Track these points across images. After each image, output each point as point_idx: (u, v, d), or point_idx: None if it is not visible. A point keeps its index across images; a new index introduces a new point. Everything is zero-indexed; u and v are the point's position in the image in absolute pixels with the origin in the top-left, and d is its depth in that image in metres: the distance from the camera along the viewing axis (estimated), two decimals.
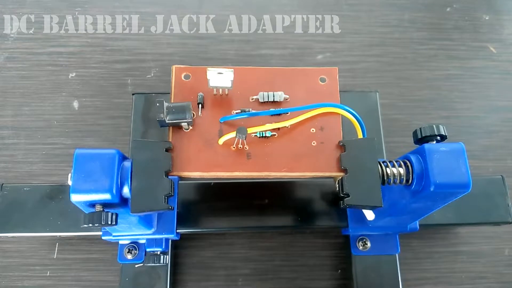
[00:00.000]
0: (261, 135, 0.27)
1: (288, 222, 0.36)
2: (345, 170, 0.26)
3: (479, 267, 0.39)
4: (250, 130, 0.26)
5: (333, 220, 0.35)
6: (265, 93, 0.27)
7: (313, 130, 0.27)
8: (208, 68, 0.25)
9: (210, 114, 0.27)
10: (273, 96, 0.27)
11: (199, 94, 0.27)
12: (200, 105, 0.27)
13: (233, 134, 0.25)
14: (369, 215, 0.32)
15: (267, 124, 0.26)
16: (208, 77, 0.26)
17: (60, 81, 0.45)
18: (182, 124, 0.26)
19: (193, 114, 0.27)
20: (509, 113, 0.46)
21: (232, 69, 0.26)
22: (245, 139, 0.26)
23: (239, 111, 0.27)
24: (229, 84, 0.26)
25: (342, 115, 0.27)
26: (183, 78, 0.28)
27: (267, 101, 0.27)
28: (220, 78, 0.26)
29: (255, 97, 0.27)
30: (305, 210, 0.36)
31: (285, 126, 0.27)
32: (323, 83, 0.28)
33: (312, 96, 0.28)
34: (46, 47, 0.46)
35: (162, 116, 0.25)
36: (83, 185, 0.24)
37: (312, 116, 0.27)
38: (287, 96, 0.28)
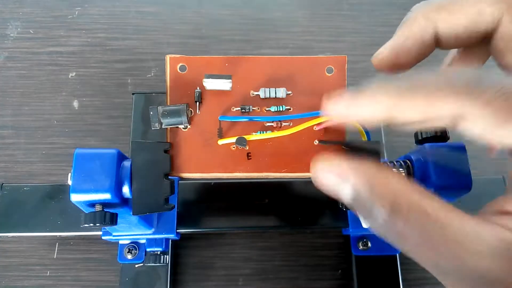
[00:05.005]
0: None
1: (288, 222, 0.36)
2: None
3: None
4: (249, 138, 0.25)
5: (333, 220, 0.35)
6: (267, 90, 0.26)
7: (315, 128, 0.26)
8: (204, 80, 0.25)
9: (208, 110, 0.26)
10: (275, 93, 0.26)
11: (196, 91, 0.26)
12: (197, 103, 0.26)
13: (233, 139, 0.25)
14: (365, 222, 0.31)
15: (268, 132, 0.26)
16: (204, 84, 0.25)
17: (60, 80, 0.45)
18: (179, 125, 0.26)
19: (191, 111, 0.26)
20: None
21: (231, 77, 0.25)
22: (246, 147, 0.25)
23: (239, 108, 0.26)
24: (228, 87, 0.25)
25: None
26: (178, 70, 0.26)
27: (268, 97, 0.26)
28: (218, 82, 0.25)
29: (256, 93, 0.26)
30: (305, 210, 0.36)
31: (286, 126, 0.26)
32: (330, 74, 0.27)
33: (317, 91, 0.26)
34: (46, 47, 0.46)
35: (158, 126, 0.24)
36: (83, 185, 0.24)
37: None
38: (290, 92, 0.27)
